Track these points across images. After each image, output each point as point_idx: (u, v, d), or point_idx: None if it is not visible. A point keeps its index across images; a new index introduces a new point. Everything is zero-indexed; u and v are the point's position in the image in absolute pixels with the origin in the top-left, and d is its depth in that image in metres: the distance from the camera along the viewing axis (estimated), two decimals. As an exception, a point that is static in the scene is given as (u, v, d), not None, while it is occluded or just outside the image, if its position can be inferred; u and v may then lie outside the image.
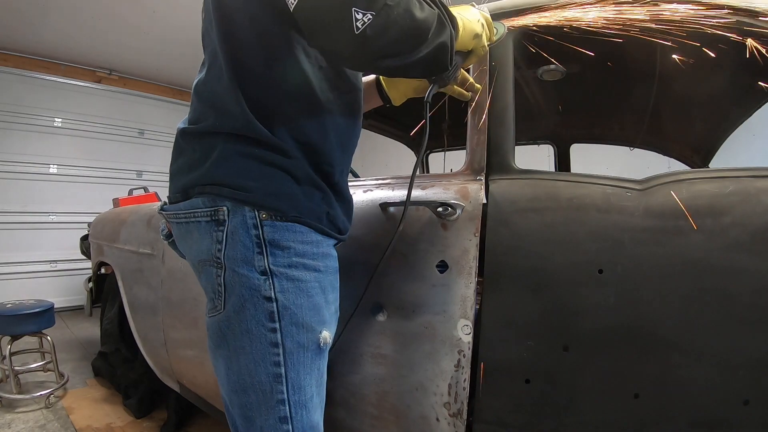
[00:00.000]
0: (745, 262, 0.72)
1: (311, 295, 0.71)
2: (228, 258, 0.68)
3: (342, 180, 0.80)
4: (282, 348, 0.68)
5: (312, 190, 0.72)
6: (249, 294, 0.68)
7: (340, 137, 0.77)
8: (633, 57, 1.19)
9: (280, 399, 0.69)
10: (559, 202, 0.85)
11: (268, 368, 0.68)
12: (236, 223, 0.68)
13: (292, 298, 0.69)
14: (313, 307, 0.71)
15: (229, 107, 0.69)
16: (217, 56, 0.71)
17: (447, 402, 0.87)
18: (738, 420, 0.72)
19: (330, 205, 0.75)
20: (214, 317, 0.72)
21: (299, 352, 0.70)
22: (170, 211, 0.77)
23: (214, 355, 0.74)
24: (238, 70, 0.69)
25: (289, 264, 0.69)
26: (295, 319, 0.69)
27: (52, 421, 2.00)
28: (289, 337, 0.69)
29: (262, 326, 0.68)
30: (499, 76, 0.97)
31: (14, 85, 4.14)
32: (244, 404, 0.70)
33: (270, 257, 0.68)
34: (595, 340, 0.79)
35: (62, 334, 3.46)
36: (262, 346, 0.68)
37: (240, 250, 0.68)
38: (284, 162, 0.70)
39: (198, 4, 0.79)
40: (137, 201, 3.12)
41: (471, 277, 0.85)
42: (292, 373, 0.69)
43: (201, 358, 1.43)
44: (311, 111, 0.73)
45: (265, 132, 0.69)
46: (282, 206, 0.69)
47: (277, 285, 0.68)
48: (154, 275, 1.66)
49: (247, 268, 0.67)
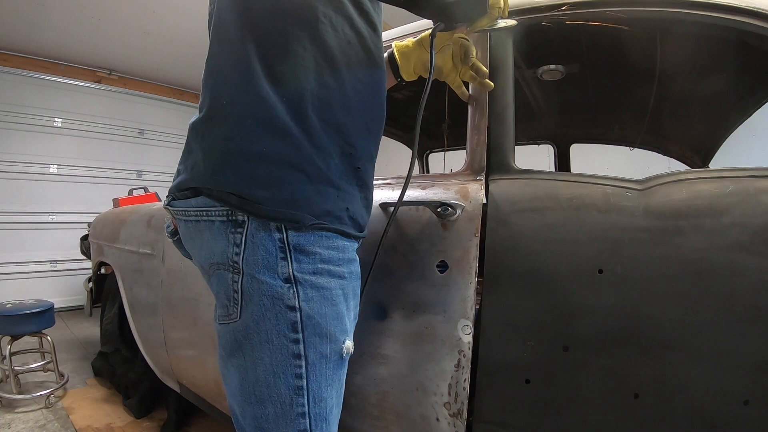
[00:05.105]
0: (745, 262, 0.72)
1: (336, 303, 0.67)
2: (247, 263, 0.63)
3: (365, 168, 0.73)
4: (305, 360, 0.64)
5: (326, 188, 0.66)
6: (270, 303, 0.63)
7: (365, 117, 0.72)
8: (633, 57, 1.19)
9: (301, 412, 0.65)
10: (559, 202, 0.85)
11: (289, 380, 0.64)
12: (258, 225, 0.63)
13: (316, 307, 0.65)
14: (337, 316, 0.67)
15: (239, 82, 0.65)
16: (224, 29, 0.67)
17: (447, 402, 0.87)
18: (738, 420, 0.72)
19: (348, 200, 0.69)
20: (228, 325, 0.67)
21: (321, 363, 0.66)
22: (179, 207, 0.71)
23: (226, 363, 0.69)
24: (255, 40, 0.64)
25: (315, 271, 0.65)
26: (319, 330, 0.65)
27: (52, 421, 2.00)
28: (312, 348, 0.65)
29: (284, 337, 0.64)
30: (499, 76, 0.97)
31: (14, 85, 4.15)
32: (259, 416, 0.66)
33: (295, 263, 0.63)
34: (595, 340, 0.79)
35: (62, 334, 3.46)
36: (283, 357, 0.64)
37: (262, 254, 0.63)
38: (295, 154, 0.64)
39: (198, 4, 0.78)
40: (137, 201, 3.11)
41: (471, 277, 0.85)
42: (314, 385, 0.66)
43: (201, 358, 1.43)
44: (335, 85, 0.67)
45: (278, 108, 0.63)
46: (297, 216, 0.63)
47: (302, 293, 0.64)
48: (154, 275, 1.66)
49: (269, 274, 0.63)
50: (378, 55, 0.76)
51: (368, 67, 0.73)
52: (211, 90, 0.69)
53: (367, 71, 0.73)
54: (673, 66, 1.22)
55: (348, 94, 0.69)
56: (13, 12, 3.44)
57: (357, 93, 0.70)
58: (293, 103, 0.64)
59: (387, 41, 1.13)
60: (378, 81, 0.76)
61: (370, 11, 0.73)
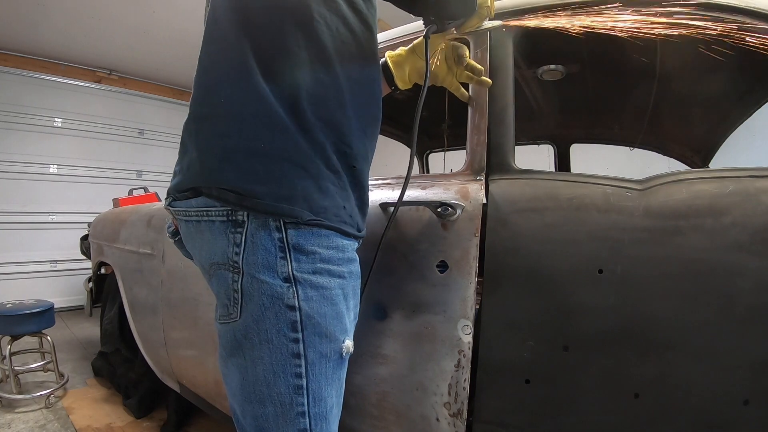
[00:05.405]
0: (745, 262, 0.72)
1: (335, 303, 0.68)
2: (247, 263, 0.64)
3: (361, 167, 0.73)
4: (304, 359, 0.65)
5: (326, 184, 0.67)
6: (270, 302, 0.63)
7: (360, 117, 0.72)
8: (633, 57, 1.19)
9: (301, 411, 0.65)
10: (559, 202, 0.85)
11: (289, 380, 0.65)
12: (257, 224, 0.63)
13: (316, 306, 0.65)
14: (337, 315, 0.68)
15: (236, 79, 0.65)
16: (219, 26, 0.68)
17: (447, 402, 0.87)
18: (738, 420, 0.72)
19: (344, 197, 0.70)
20: (228, 324, 0.67)
21: (321, 362, 0.67)
22: (179, 207, 0.71)
23: (226, 363, 0.69)
24: (250, 37, 0.65)
25: (314, 270, 0.65)
26: (319, 329, 0.66)
27: (52, 421, 2.00)
28: (311, 348, 0.65)
29: (284, 336, 0.64)
30: (499, 76, 0.97)
31: (14, 85, 4.15)
32: (259, 415, 0.66)
33: (294, 263, 0.64)
34: (595, 340, 0.79)
35: (62, 334, 3.46)
36: (283, 356, 0.64)
37: (261, 254, 0.63)
38: (293, 149, 0.64)
39: (198, 4, 0.78)
40: (137, 201, 3.11)
41: (471, 277, 0.85)
42: (314, 384, 0.66)
43: (201, 358, 1.43)
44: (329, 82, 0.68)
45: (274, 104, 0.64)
46: (295, 211, 0.63)
47: (301, 293, 0.64)
48: (154, 275, 1.67)
49: (268, 274, 0.63)
50: (372, 53, 0.76)
51: (363, 66, 0.74)
52: (204, 88, 0.69)
53: (362, 70, 0.74)
54: (673, 66, 1.22)
55: (343, 93, 0.70)
56: (13, 12, 3.44)
57: (352, 92, 0.71)
58: (289, 100, 0.65)
59: (387, 41, 1.13)
60: (373, 80, 0.77)
61: (364, 10, 0.73)
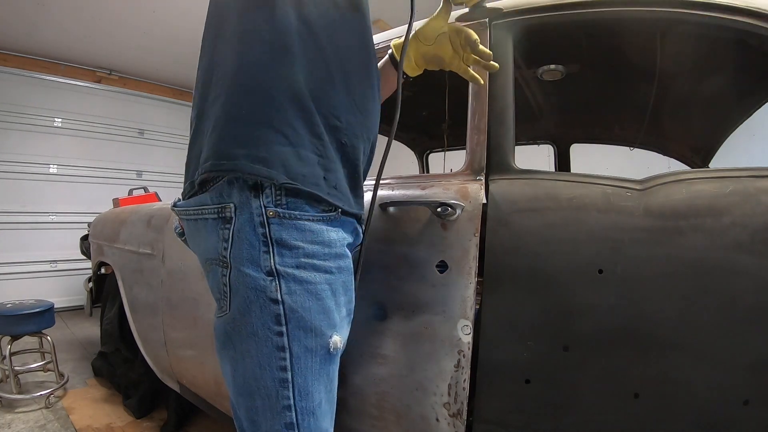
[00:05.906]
0: (745, 262, 0.72)
1: (321, 297, 0.68)
2: (234, 257, 0.66)
3: (353, 144, 0.73)
4: (289, 352, 0.66)
5: (307, 153, 0.67)
6: (254, 295, 0.65)
7: (349, 88, 0.72)
8: (633, 57, 1.19)
9: (287, 405, 0.66)
10: (559, 202, 0.85)
11: (274, 373, 0.66)
12: (243, 220, 0.65)
13: (299, 300, 0.66)
14: (323, 310, 0.68)
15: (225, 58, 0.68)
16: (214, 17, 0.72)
17: (447, 402, 0.87)
18: (738, 420, 0.72)
19: (329, 168, 0.69)
20: (221, 318, 0.70)
21: (307, 356, 0.67)
22: (181, 207, 0.75)
23: (221, 356, 0.72)
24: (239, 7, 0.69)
25: (297, 264, 0.66)
26: (303, 323, 0.67)
27: (52, 421, 2.00)
28: (296, 341, 0.66)
29: (268, 329, 0.65)
30: (499, 76, 0.97)
31: (14, 85, 4.15)
32: (250, 408, 0.68)
33: (277, 257, 0.65)
34: (595, 340, 0.79)
35: (62, 334, 3.46)
36: (268, 349, 0.66)
37: (246, 248, 0.65)
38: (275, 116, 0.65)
39: (198, 4, 0.79)
40: (137, 201, 3.11)
41: (471, 277, 0.85)
42: (299, 378, 0.67)
43: (201, 358, 1.43)
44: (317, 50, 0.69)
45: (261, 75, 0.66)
46: (272, 173, 0.64)
47: (284, 286, 0.65)
48: (154, 275, 1.67)
49: (252, 267, 0.65)
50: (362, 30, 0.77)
51: (350, 40, 0.74)
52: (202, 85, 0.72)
53: (350, 45, 0.74)
54: (673, 66, 1.22)
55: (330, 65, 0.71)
56: (13, 12, 3.44)
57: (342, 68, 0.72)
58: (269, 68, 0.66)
59: (387, 41, 1.13)
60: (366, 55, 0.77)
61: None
